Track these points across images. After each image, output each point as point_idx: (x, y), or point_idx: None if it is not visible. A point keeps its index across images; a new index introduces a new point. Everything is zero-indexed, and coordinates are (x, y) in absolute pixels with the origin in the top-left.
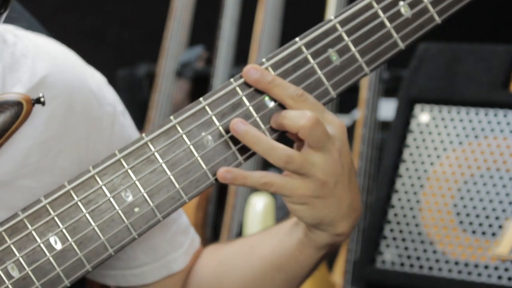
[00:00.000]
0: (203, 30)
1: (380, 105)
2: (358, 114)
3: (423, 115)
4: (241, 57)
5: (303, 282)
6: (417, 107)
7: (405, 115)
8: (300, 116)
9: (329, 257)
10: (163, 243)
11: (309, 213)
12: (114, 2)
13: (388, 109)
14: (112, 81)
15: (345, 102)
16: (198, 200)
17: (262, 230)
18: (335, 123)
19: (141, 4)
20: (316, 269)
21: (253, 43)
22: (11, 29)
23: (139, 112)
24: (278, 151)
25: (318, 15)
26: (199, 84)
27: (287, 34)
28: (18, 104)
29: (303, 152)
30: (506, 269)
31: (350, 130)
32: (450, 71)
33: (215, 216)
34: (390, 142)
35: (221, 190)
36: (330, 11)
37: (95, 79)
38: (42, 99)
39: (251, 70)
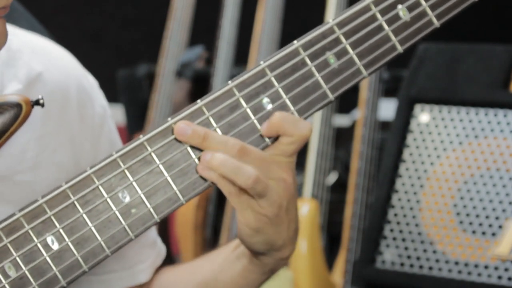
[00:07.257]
0: (203, 30)
1: (380, 105)
2: (358, 114)
3: (423, 115)
4: (241, 57)
5: None
6: (417, 107)
7: (405, 115)
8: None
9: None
10: (132, 253)
11: (262, 239)
12: (114, 2)
13: (388, 109)
14: (112, 81)
15: (345, 102)
16: (198, 200)
17: (204, 256)
18: (284, 166)
19: (141, 4)
20: None
21: (253, 43)
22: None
23: (139, 112)
24: (247, 170)
25: (318, 15)
26: (199, 84)
27: (287, 34)
28: (17, 105)
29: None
30: (506, 269)
31: (350, 130)
32: (450, 71)
33: (215, 216)
34: (390, 142)
35: None
36: (330, 12)
37: (89, 79)
38: (41, 101)
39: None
